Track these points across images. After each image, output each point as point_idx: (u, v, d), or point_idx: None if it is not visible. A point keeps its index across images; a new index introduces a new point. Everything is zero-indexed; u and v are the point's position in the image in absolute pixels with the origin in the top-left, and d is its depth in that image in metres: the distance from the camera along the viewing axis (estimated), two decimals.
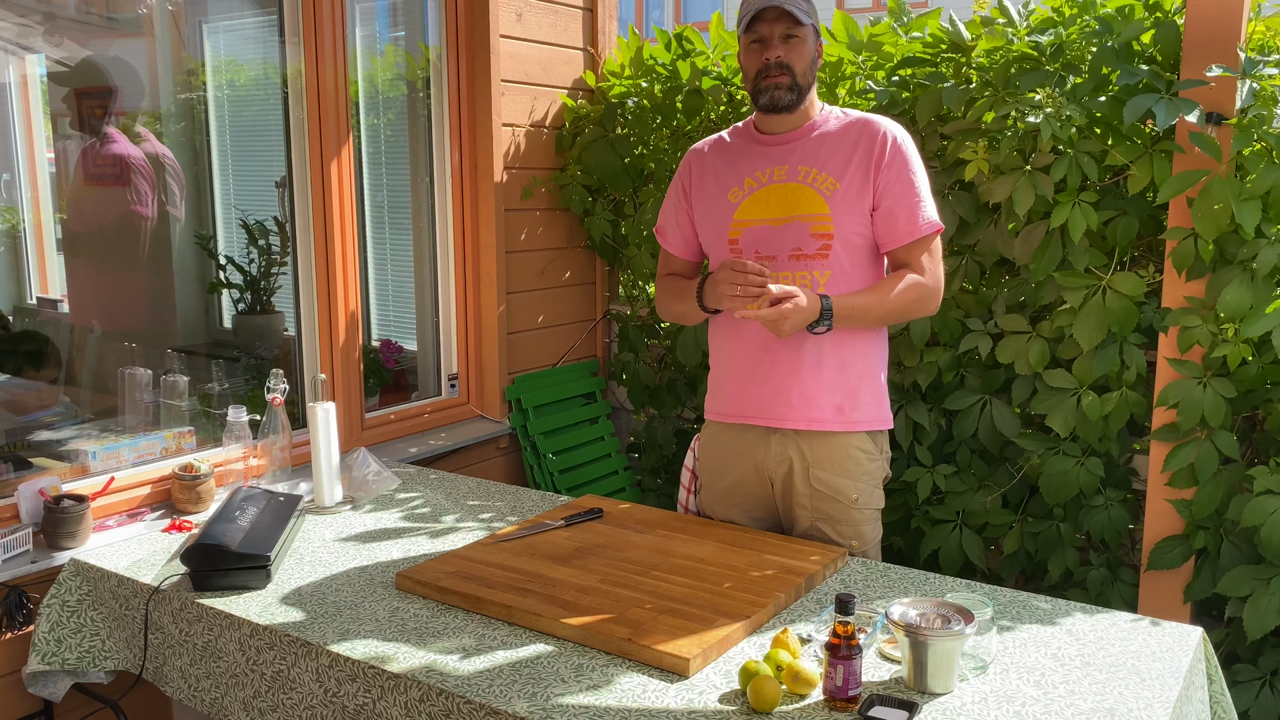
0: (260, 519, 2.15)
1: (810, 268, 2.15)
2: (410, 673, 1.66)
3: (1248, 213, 2.20)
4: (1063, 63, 2.50)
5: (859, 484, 2.22)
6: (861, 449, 2.22)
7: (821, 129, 2.20)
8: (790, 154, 2.19)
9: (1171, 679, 1.63)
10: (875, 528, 2.28)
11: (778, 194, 2.18)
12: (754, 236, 2.19)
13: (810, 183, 2.15)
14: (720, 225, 2.23)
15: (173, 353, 3.41)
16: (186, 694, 2.01)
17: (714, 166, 2.28)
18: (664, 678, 1.64)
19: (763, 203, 2.19)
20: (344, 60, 2.86)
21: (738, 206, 2.20)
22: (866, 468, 2.23)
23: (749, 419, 2.27)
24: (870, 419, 2.24)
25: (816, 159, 2.17)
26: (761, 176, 2.20)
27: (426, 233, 3.38)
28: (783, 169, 2.18)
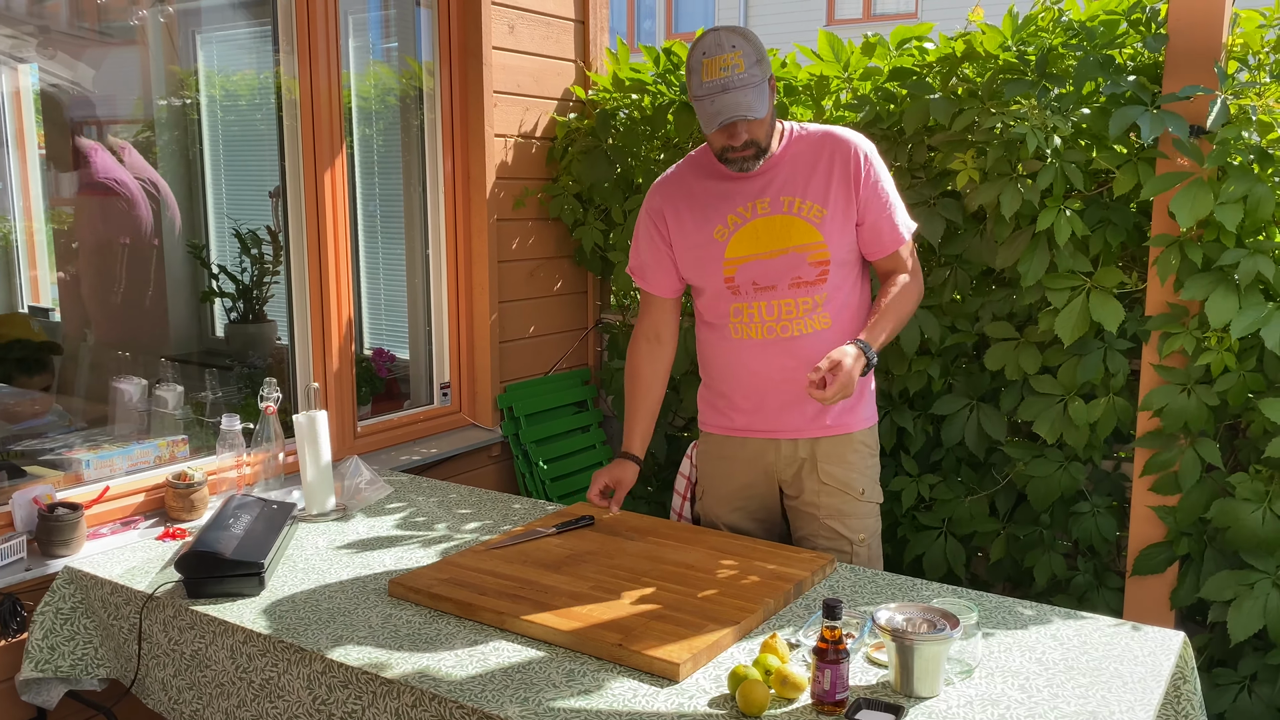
0: (254, 527, 2.17)
1: (811, 293, 2.21)
2: (403, 678, 1.67)
3: (1228, 213, 2.24)
4: (1046, 74, 2.54)
5: (864, 478, 2.31)
6: (864, 444, 2.32)
7: (792, 154, 2.22)
8: (768, 185, 2.21)
9: (1154, 683, 1.65)
10: (876, 521, 2.36)
11: (765, 227, 2.20)
12: (750, 272, 2.23)
13: (797, 213, 2.18)
14: (711, 263, 2.25)
15: (165, 361, 3.42)
16: (166, 706, 2.02)
17: (688, 205, 2.28)
18: (654, 682, 1.66)
19: (751, 237, 2.21)
20: (337, 71, 2.89)
21: (726, 244, 2.22)
22: (869, 461, 2.33)
23: (758, 434, 2.32)
24: (869, 416, 2.33)
25: (796, 186, 2.19)
26: (744, 212, 2.22)
27: (419, 242, 3.41)
28: (764, 202, 2.20)
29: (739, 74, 2.06)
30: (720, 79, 2.06)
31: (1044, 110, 2.43)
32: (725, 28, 2.13)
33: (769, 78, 2.14)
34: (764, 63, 2.12)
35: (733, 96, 2.06)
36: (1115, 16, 2.56)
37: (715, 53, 2.07)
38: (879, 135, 2.83)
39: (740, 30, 2.12)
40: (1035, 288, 2.57)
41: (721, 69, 2.06)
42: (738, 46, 2.07)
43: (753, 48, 2.09)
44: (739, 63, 2.06)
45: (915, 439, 2.86)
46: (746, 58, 2.07)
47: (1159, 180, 2.33)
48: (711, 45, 2.08)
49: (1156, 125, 2.28)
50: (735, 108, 2.06)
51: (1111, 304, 2.43)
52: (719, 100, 2.07)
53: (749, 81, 2.07)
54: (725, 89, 2.06)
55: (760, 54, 2.11)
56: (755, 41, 2.12)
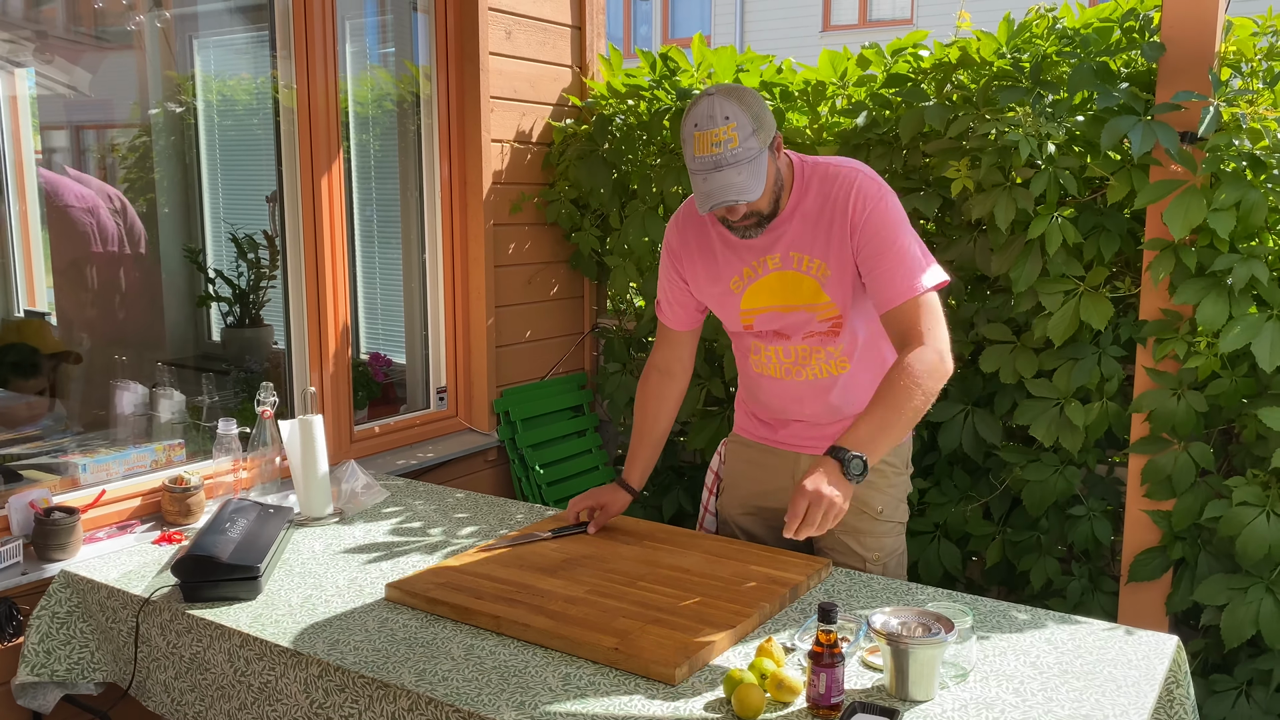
0: (250, 531, 2.17)
1: (826, 343, 2.15)
2: (400, 682, 1.68)
3: (1221, 221, 2.25)
4: (1041, 81, 2.56)
5: (884, 496, 2.24)
6: (889, 463, 2.24)
7: (802, 209, 2.08)
8: (777, 241, 2.10)
9: (1147, 686, 1.66)
10: (898, 540, 2.30)
11: (779, 282, 2.12)
12: (766, 320, 2.19)
13: (805, 270, 2.09)
14: (730, 310, 2.22)
15: (162, 365, 3.42)
16: (169, 708, 2.02)
17: (701, 253, 2.21)
18: (650, 686, 1.66)
19: (766, 290, 2.15)
20: (335, 76, 2.90)
21: (742, 295, 2.17)
22: (892, 480, 2.26)
23: (785, 446, 2.30)
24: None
25: (803, 242, 2.08)
26: (757, 266, 2.13)
27: (416, 247, 3.41)
28: (774, 258, 2.11)
29: (732, 150, 1.90)
30: (712, 155, 1.90)
31: (1038, 117, 2.44)
32: (721, 91, 1.94)
33: (770, 143, 1.97)
34: (763, 130, 1.94)
35: (725, 176, 1.91)
36: (1109, 24, 2.58)
37: (707, 126, 1.91)
38: (875, 140, 2.84)
39: (738, 93, 1.95)
40: (1029, 294, 2.58)
41: (713, 144, 1.90)
42: (731, 118, 1.90)
43: (750, 116, 1.92)
44: (732, 137, 1.89)
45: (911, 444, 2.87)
46: (741, 129, 1.90)
47: (1152, 189, 2.35)
48: (704, 116, 1.92)
49: (1147, 138, 2.30)
50: (726, 191, 1.92)
51: (1101, 304, 2.45)
52: (711, 179, 1.92)
53: (743, 157, 1.91)
54: (718, 166, 1.91)
55: (759, 120, 1.93)
56: (754, 105, 1.94)
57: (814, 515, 1.77)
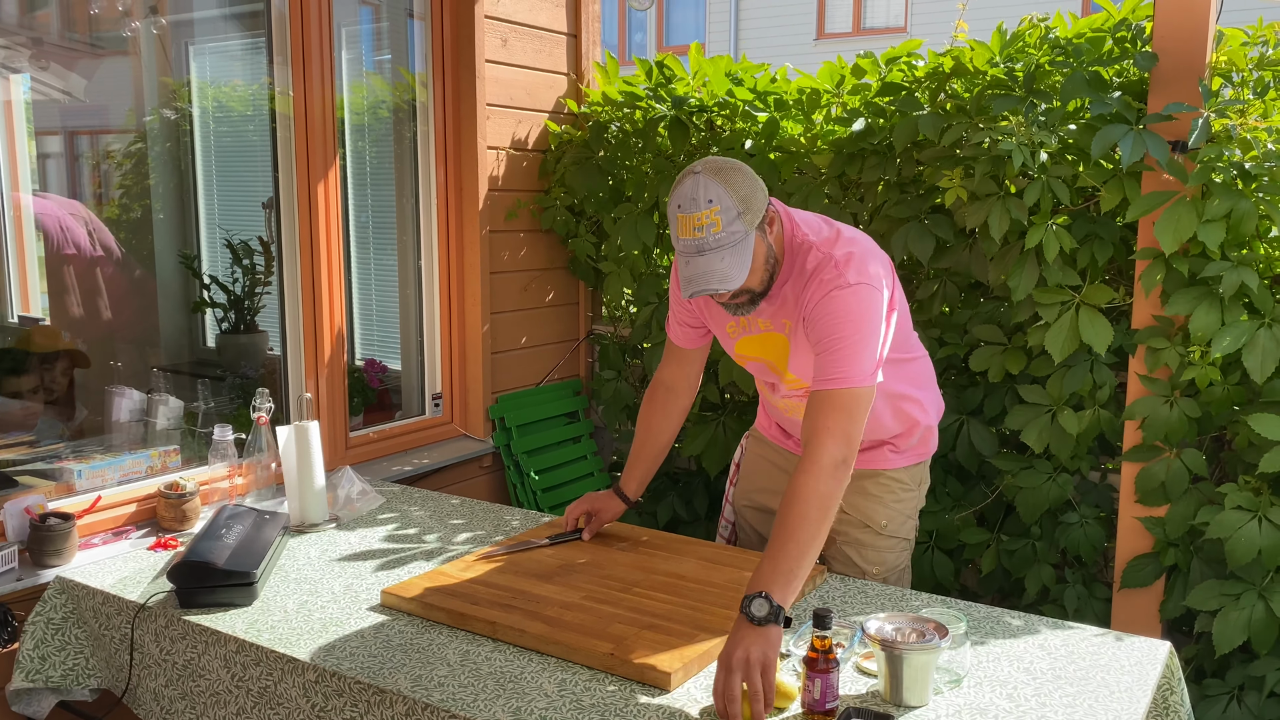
0: (246, 537, 2.17)
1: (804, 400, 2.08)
2: (396, 687, 1.68)
3: (1211, 233, 2.27)
4: (1034, 90, 2.57)
5: (888, 510, 2.23)
6: (897, 480, 2.24)
7: (790, 278, 2.01)
8: (767, 308, 2.06)
9: (1140, 692, 1.67)
10: (901, 556, 2.29)
11: (770, 342, 2.12)
12: (756, 368, 2.23)
13: (788, 334, 2.06)
14: (728, 348, 2.23)
15: (157, 371, 3.42)
16: (158, 716, 2.02)
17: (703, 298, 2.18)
18: (646, 691, 1.67)
19: (758, 344, 2.15)
20: (331, 82, 2.90)
21: (737, 341, 2.19)
22: (900, 496, 2.25)
23: (794, 451, 2.31)
24: (909, 456, 2.25)
25: (789, 311, 2.03)
26: (746, 324, 2.12)
27: (411, 253, 3.42)
28: (765, 321, 2.09)
29: (714, 234, 1.83)
30: (695, 240, 1.84)
31: (1031, 126, 2.46)
32: (708, 170, 1.85)
33: (759, 222, 1.89)
34: (749, 212, 1.85)
35: (707, 262, 1.84)
36: (1101, 34, 2.60)
37: (690, 209, 1.84)
38: (869, 150, 2.86)
39: (724, 173, 1.86)
40: (1026, 302, 2.59)
41: (695, 228, 1.83)
42: (715, 201, 1.82)
43: (735, 198, 1.84)
44: (715, 221, 1.82)
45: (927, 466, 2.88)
46: (725, 213, 1.82)
47: (1144, 200, 2.36)
48: (687, 199, 1.85)
49: (1136, 148, 2.31)
50: (708, 278, 1.85)
51: (1101, 324, 2.46)
52: (693, 264, 1.86)
53: (726, 243, 1.84)
54: (700, 251, 1.84)
55: (747, 201, 1.85)
56: (742, 186, 1.85)
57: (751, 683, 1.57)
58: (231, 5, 3.55)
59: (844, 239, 1.99)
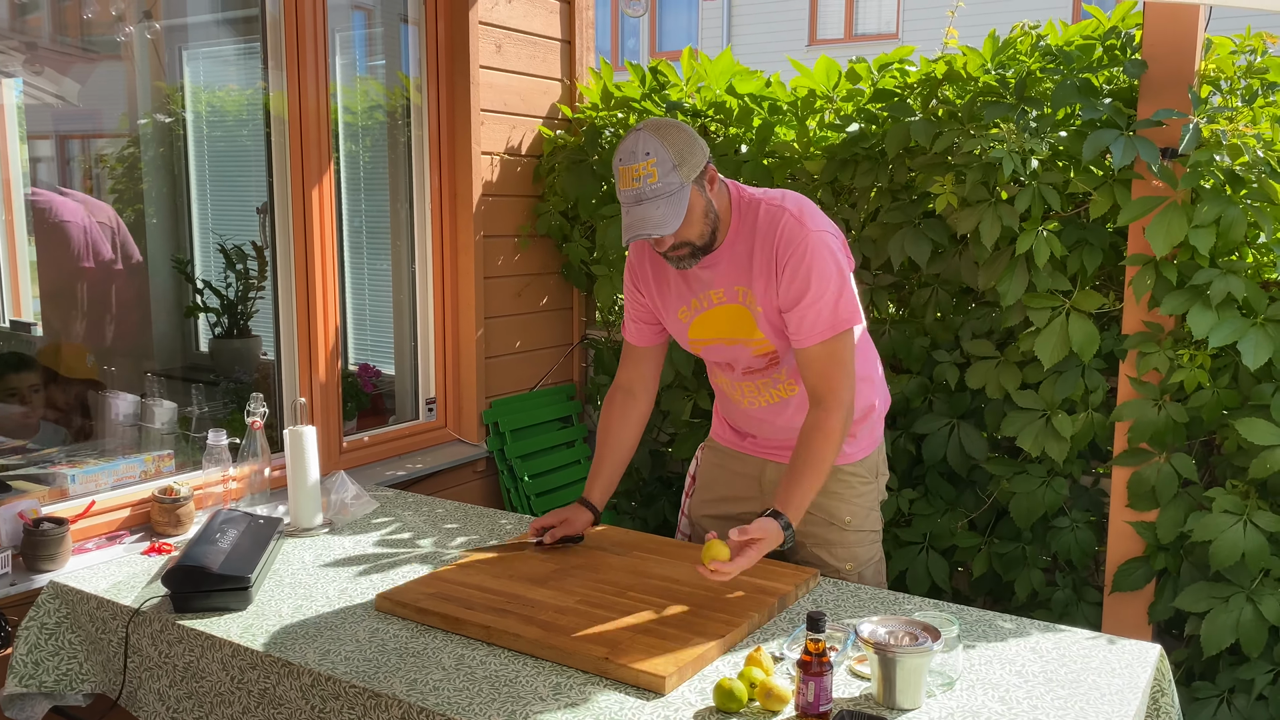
0: (241, 541, 2.17)
1: (767, 374, 2.22)
2: (391, 691, 1.68)
3: (1201, 237, 2.29)
4: (1025, 97, 2.59)
5: (851, 506, 2.27)
6: (855, 474, 2.27)
7: (737, 240, 2.11)
8: (717, 276, 2.14)
9: (1130, 694, 1.68)
10: (871, 549, 2.33)
11: (725, 315, 2.17)
12: (712, 352, 2.26)
13: (745, 302, 2.13)
14: (681, 336, 2.28)
15: (151, 376, 3.42)
16: (164, 716, 2.02)
17: (656, 278, 2.25)
18: (640, 695, 1.68)
19: (712, 323, 2.20)
20: (326, 87, 2.91)
21: (689, 325, 2.23)
22: (860, 490, 2.29)
23: (756, 453, 2.35)
24: (864, 448, 2.29)
25: (743, 274, 2.11)
26: (701, 300, 2.18)
27: (405, 258, 3.43)
28: (718, 292, 2.15)
29: (650, 184, 1.95)
30: (633, 189, 1.97)
31: (1022, 133, 2.48)
32: (649, 127, 1.99)
33: (697, 176, 2.00)
34: (685, 165, 1.97)
35: (643, 210, 1.97)
36: (1092, 41, 2.62)
37: (629, 160, 1.97)
38: (862, 156, 2.88)
39: (663, 129, 1.99)
40: (1016, 307, 2.61)
41: (634, 179, 1.97)
42: (652, 154, 1.95)
43: (671, 151, 1.96)
44: (651, 172, 1.95)
45: (898, 457, 2.90)
46: (661, 165, 1.95)
47: (1135, 205, 2.39)
48: (627, 152, 1.99)
49: (1128, 152, 2.34)
50: (643, 224, 1.97)
51: (1089, 330, 2.48)
52: (632, 213, 1.99)
53: (661, 192, 1.96)
54: (638, 200, 1.97)
55: (682, 155, 1.97)
56: (678, 141, 1.98)
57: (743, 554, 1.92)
58: (225, 10, 3.56)
59: (791, 195, 2.13)
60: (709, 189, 2.05)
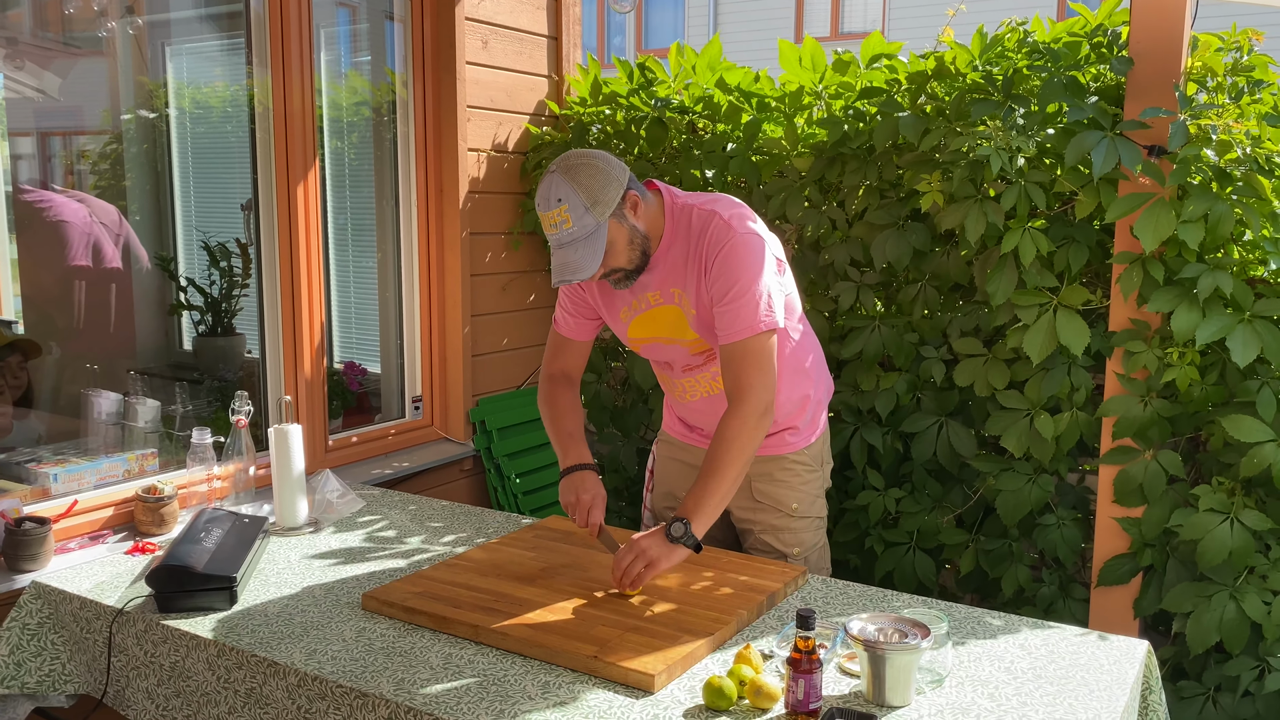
0: (225, 540, 2.16)
1: (705, 369, 2.25)
2: (379, 691, 1.67)
3: (1190, 232, 2.30)
4: (1012, 95, 2.59)
5: (797, 494, 2.34)
6: (800, 463, 2.34)
7: (673, 247, 2.14)
8: (654, 280, 2.17)
9: (1119, 690, 1.69)
10: (817, 535, 2.39)
11: (662, 316, 2.20)
12: (651, 350, 2.30)
13: (680, 304, 2.17)
14: (621, 334, 2.31)
15: (134, 374, 3.39)
16: (153, 714, 2.00)
17: (597, 283, 2.25)
18: (630, 694, 1.67)
19: (650, 323, 2.23)
20: (311, 83, 2.89)
21: (629, 325, 2.26)
22: (806, 478, 2.35)
23: (701, 445, 2.37)
24: (807, 436, 2.35)
25: (677, 278, 2.15)
26: (641, 300, 2.21)
27: (391, 255, 3.41)
28: (655, 294, 2.18)
29: (566, 230, 2.00)
30: (553, 235, 2.02)
31: (1009, 131, 2.48)
32: (561, 168, 2.01)
33: (614, 210, 2.02)
34: (600, 203, 2.00)
35: (564, 255, 2.02)
36: (1078, 38, 2.62)
37: (544, 208, 2.02)
38: (849, 154, 2.87)
39: (573, 170, 2.01)
40: (1005, 305, 2.61)
41: (551, 225, 2.02)
42: (564, 199, 1.99)
43: (583, 194, 1.99)
44: (565, 219, 2.00)
45: (885, 455, 2.90)
46: (574, 210, 1.99)
47: (1122, 202, 2.39)
48: (541, 198, 2.03)
49: (1109, 158, 2.34)
50: (564, 270, 2.03)
51: (1078, 325, 2.48)
52: (556, 255, 2.05)
53: (578, 235, 2.00)
54: (559, 244, 2.03)
55: (595, 195, 1.99)
56: (590, 181, 1.99)
57: (632, 567, 1.95)
58: (209, 6, 3.53)
59: (725, 200, 2.15)
60: (631, 215, 2.07)
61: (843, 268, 2.90)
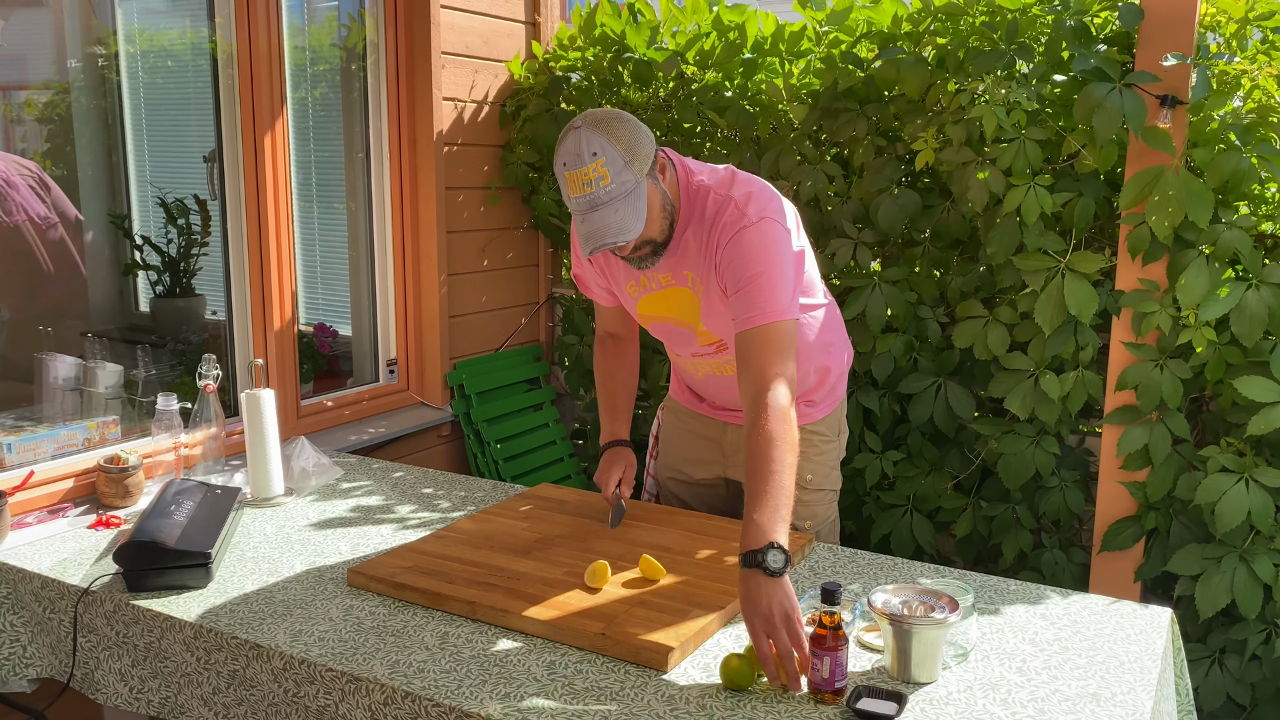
0: (198, 513, 2.02)
1: (717, 356, 2.12)
2: (372, 675, 1.56)
3: (1200, 208, 2.22)
4: (1018, 44, 2.49)
5: (813, 464, 2.21)
6: (816, 432, 2.22)
7: (688, 225, 1.95)
8: (663, 262, 1.98)
9: (1150, 661, 1.62)
10: (829, 508, 2.27)
11: (674, 297, 2.04)
12: (661, 330, 2.16)
13: (693, 287, 2.00)
14: (630, 308, 2.16)
15: (91, 337, 3.21)
16: (126, 697, 1.87)
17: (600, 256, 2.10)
18: (641, 672, 1.57)
19: (661, 302, 2.07)
20: (278, 27, 2.71)
21: (638, 301, 2.11)
22: (822, 449, 2.23)
23: (710, 415, 2.28)
24: (823, 408, 2.23)
25: (690, 262, 1.97)
26: (648, 280, 2.04)
27: (362, 211, 3.24)
28: (665, 275, 2.01)
29: (604, 188, 1.77)
30: (586, 196, 1.79)
31: (1011, 82, 2.38)
32: (588, 123, 1.79)
33: (650, 168, 1.83)
34: (637, 160, 1.80)
35: (601, 216, 1.79)
36: None
37: (575, 164, 1.78)
38: (842, 108, 2.75)
39: (605, 123, 1.80)
40: (1007, 265, 2.53)
41: (584, 184, 1.78)
42: (599, 153, 1.77)
43: (620, 147, 1.78)
44: (603, 174, 1.76)
45: (882, 419, 2.81)
46: (612, 164, 1.77)
47: (1134, 181, 2.30)
48: (570, 155, 1.79)
49: (1112, 119, 2.25)
50: (605, 233, 1.80)
51: (1086, 291, 2.40)
52: (589, 220, 1.80)
53: (618, 194, 1.78)
54: (593, 206, 1.79)
55: (633, 149, 1.79)
56: (625, 134, 1.79)
57: (781, 642, 1.52)
58: None
59: (740, 180, 1.96)
60: (662, 179, 1.89)
61: (840, 226, 2.79)
